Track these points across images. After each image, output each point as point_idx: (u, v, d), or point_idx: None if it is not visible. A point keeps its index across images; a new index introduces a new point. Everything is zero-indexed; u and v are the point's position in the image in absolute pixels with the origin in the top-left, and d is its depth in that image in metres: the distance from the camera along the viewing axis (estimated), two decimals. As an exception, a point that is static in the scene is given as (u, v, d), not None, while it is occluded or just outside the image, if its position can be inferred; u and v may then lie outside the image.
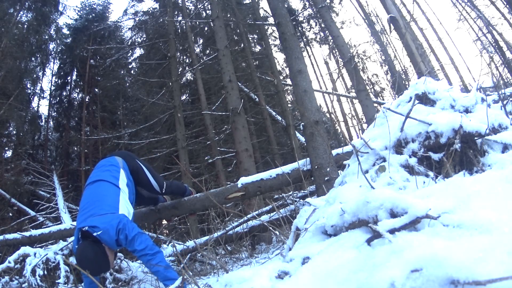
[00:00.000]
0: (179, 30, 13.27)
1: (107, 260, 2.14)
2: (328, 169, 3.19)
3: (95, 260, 2.06)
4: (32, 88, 14.13)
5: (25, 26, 12.84)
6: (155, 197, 3.34)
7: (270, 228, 2.69)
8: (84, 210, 2.31)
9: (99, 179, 2.49)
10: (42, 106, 26.79)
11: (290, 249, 1.65)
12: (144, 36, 13.70)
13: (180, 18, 12.49)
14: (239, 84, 9.01)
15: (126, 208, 2.37)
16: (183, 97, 12.83)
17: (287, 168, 3.49)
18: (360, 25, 17.75)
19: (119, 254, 3.66)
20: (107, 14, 16.68)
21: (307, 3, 16.14)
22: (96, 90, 15.25)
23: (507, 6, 11.24)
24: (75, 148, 14.53)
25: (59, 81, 15.60)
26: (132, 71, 15.01)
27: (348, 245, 1.15)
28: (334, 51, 16.53)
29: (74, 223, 4.16)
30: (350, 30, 52.49)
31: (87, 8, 16.09)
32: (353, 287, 0.92)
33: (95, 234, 2.10)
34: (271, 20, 11.20)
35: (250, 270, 1.50)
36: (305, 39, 17.81)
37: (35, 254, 3.51)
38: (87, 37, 14.88)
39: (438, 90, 2.02)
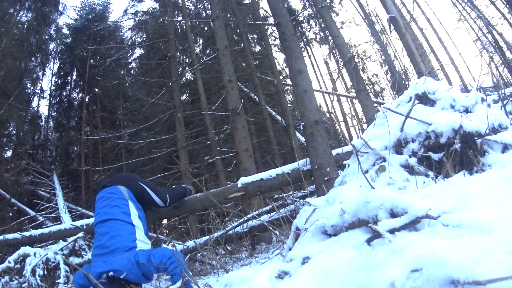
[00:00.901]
0: (179, 30, 13.27)
1: None
2: (328, 169, 3.19)
3: None
4: (32, 88, 14.15)
5: (25, 26, 12.83)
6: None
7: (270, 228, 2.69)
8: (101, 250, 2.26)
9: (110, 218, 2.38)
10: (42, 106, 26.88)
11: (290, 249, 1.65)
12: (144, 36, 13.70)
13: (180, 18, 12.49)
14: (239, 84, 9.01)
15: (143, 244, 2.34)
16: (183, 97, 12.83)
17: (287, 168, 3.49)
18: (360, 25, 17.79)
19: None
20: (107, 14, 16.71)
21: (307, 3, 16.15)
22: (96, 90, 15.26)
23: (507, 6, 11.24)
24: (75, 148, 14.55)
25: (59, 81, 15.62)
26: (132, 71, 15.01)
27: (348, 245, 1.15)
28: (334, 51, 16.53)
29: (74, 223, 4.18)
30: (350, 30, 52.58)
31: (87, 8, 16.11)
32: (353, 287, 0.92)
33: (121, 277, 2.10)
34: (271, 20, 11.20)
35: (250, 270, 1.50)
36: (305, 39, 17.81)
37: (35, 254, 3.51)
38: (87, 37, 14.88)
39: (438, 90, 2.02)
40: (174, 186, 4.51)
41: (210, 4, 8.12)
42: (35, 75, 14.18)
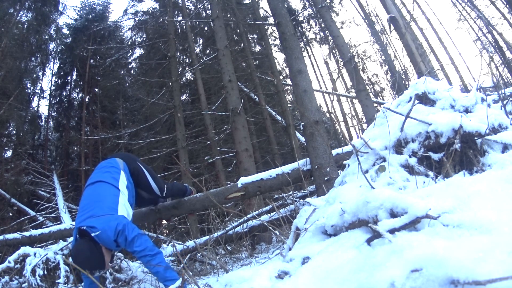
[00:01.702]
0: (179, 30, 13.27)
1: (102, 259, 2.15)
2: (328, 169, 3.19)
3: (90, 258, 2.07)
4: (32, 88, 14.15)
5: (25, 26, 12.83)
6: (155, 198, 3.34)
7: (270, 228, 2.69)
8: (83, 210, 2.32)
9: (99, 180, 2.49)
10: (42, 106, 26.83)
11: (290, 249, 1.65)
12: (144, 36, 13.70)
13: (180, 18, 12.49)
14: (239, 84, 9.01)
15: (125, 209, 2.37)
16: (183, 97, 12.83)
17: (287, 168, 3.49)
18: (360, 25, 17.80)
19: (119, 254, 3.66)
20: (107, 14, 16.70)
21: (307, 3, 16.14)
22: (96, 90, 15.25)
23: (507, 6, 11.24)
24: (75, 148, 14.53)
25: (59, 81, 15.61)
26: (132, 71, 15.02)
27: (348, 245, 1.15)
28: (334, 51, 16.53)
29: (74, 223, 4.17)
30: (350, 30, 52.53)
31: (87, 8, 16.09)
32: (353, 287, 0.92)
33: (93, 234, 2.11)
34: (271, 20, 11.19)
35: (250, 270, 1.50)
36: (305, 39, 17.81)
37: (35, 254, 3.51)
38: (87, 37, 14.87)
39: (438, 90, 2.02)
40: (175, 182, 4.53)
41: (210, 4, 8.12)
42: (35, 75, 14.18)
